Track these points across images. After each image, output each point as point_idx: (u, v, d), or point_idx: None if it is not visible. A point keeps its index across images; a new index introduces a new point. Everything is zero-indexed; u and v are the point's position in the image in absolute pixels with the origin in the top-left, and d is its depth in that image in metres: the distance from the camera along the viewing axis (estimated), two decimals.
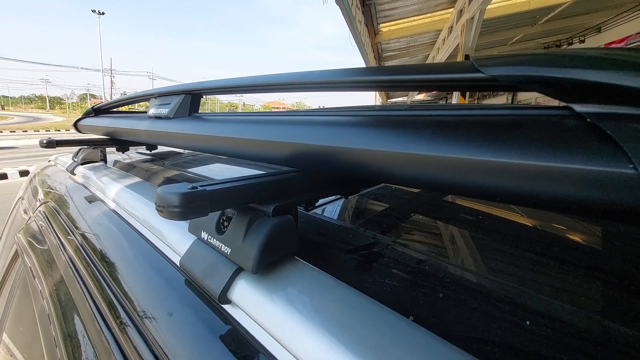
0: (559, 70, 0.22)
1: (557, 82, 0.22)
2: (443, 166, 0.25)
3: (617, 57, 0.22)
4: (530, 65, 0.23)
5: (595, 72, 0.21)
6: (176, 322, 0.33)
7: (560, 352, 0.25)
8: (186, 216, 0.28)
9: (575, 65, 0.22)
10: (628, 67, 0.20)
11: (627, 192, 0.18)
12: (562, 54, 0.24)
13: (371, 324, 0.25)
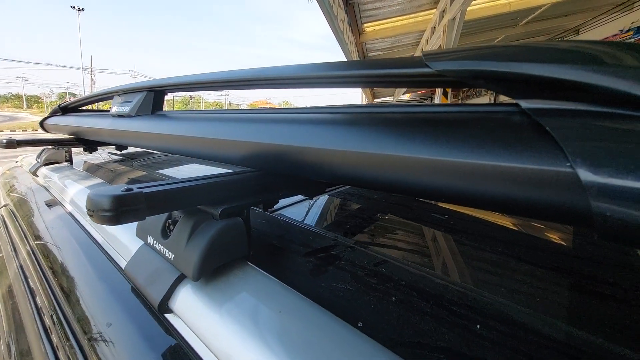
0: (503, 64, 0.21)
1: (502, 77, 0.21)
2: (383, 164, 0.24)
3: (563, 50, 0.21)
4: (476, 60, 0.22)
5: (539, 65, 0.20)
6: (114, 334, 0.30)
7: (509, 355, 0.24)
8: (119, 221, 0.25)
9: (520, 59, 0.21)
10: (573, 61, 0.19)
11: (564, 191, 0.18)
12: (509, 47, 0.23)
13: (317, 335, 0.23)
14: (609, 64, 0.18)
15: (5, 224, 0.74)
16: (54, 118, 1.06)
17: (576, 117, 0.19)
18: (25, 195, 0.84)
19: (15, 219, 0.73)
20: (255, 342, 0.23)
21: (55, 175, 0.84)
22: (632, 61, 0.18)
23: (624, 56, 0.19)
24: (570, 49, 0.21)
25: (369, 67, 0.29)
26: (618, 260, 0.42)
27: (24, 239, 0.61)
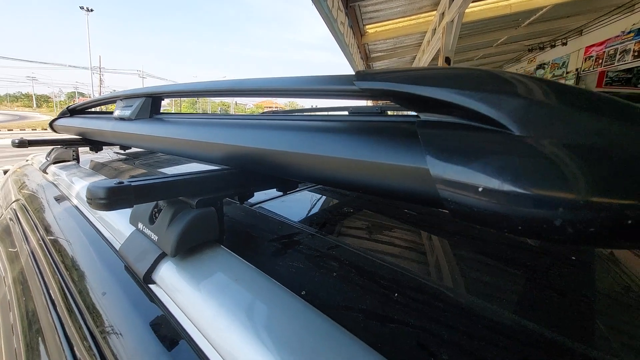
0: (401, 85, 0.28)
1: (401, 96, 0.28)
2: (319, 164, 0.31)
3: (438, 75, 0.27)
4: (386, 82, 0.29)
5: (420, 87, 0.26)
6: (108, 300, 0.38)
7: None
8: (111, 207, 0.32)
9: (412, 82, 0.27)
10: (440, 83, 0.26)
11: (425, 182, 0.24)
12: (410, 72, 0.29)
13: (261, 299, 0.30)
14: (466, 86, 0.25)
15: (18, 217, 0.82)
16: (63, 119, 1.14)
17: (436, 127, 0.25)
18: (35, 191, 0.92)
19: (27, 213, 0.81)
20: (213, 304, 0.30)
21: (63, 172, 0.91)
22: (486, 85, 0.25)
23: (482, 80, 0.26)
24: (439, 74, 0.27)
25: (315, 83, 0.36)
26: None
27: (35, 230, 0.69)
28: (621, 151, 0.18)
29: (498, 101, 0.22)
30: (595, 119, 0.20)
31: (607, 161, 0.18)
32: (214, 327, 0.28)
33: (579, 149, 0.19)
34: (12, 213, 0.89)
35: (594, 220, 0.18)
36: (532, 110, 0.21)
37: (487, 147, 0.21)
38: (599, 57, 6.24)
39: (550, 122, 0.20)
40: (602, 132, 0.19)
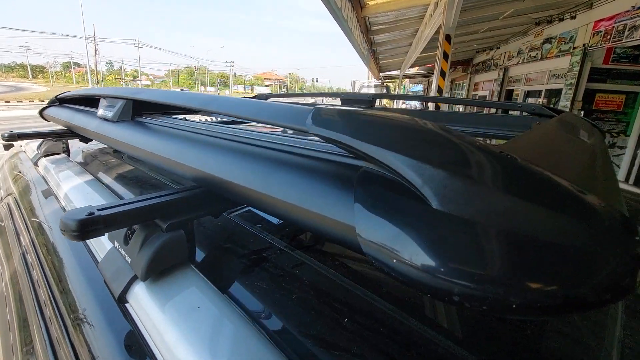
0: (347, 138, 0.29)
1: (346, 147, 0.30)
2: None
3: (381, 132, 0.29)
4: (334, 131, 0.30)
5: (361, 143, 0.28)
6: (89, 315, 0.41)
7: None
8: (84, 238, 0.35)
9: (355, 136, 0.29)
10: (379, 142, 0.27)
11: (351, 235, 0.26)
12: (358, 123, 0.30)
13: (220, 330, 0.33)
14: (402, 149, 0.26)
15: (11, 213, 0.85)
16: (52, 109, 1.14)
17: (373, 182, 0.27)
18: (26, 186, 0.94)
19: (19, 209, 0.84)
20: (175, 331, 0.33)
21: (52, 167, 0.93)
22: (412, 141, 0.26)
23: (421, 143, 0.27)
24: (383, 132, 0.29)
25: (273, 114, 0.37)
26: None
27: (26, 229, 0.72)
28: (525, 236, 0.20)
29: (424, 172, 0.24)
30: (505, 203, 0.22)
31: (502, 244, 0.21)
32: (174, 353, 0.32)
33: (479, 230, 0.21)
34: (6, 208, 0.92)
35: (484, 298, 0.20)
36: (447, 188, 0.23)
37: (407, 219, 0.23)
38: (608, 33, 6.02)
39: (465, 202, 0.22)
40: (507, 214, 0.21)
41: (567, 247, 0.20)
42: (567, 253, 0.20)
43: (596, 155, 0.43)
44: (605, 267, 0.20)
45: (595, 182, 0.29)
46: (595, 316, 0.39)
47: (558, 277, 0.19)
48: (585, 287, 0.20)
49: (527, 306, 0.19)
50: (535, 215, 0.21)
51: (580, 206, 0.22)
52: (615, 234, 0.22)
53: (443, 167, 0.23)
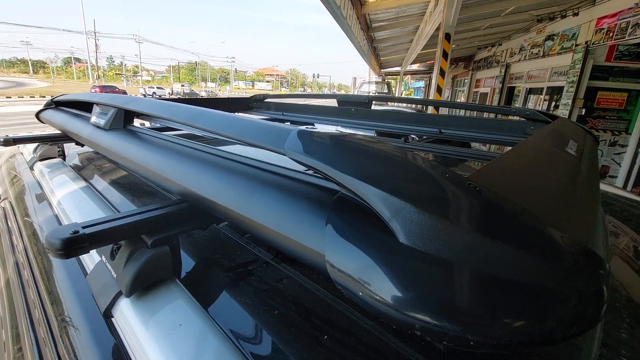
0: (322, 165, 0.29)
1: (321, 174, 0.30)
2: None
3: (356, 162, 0.29)
4: (312, 157, 0.30)
5: (334, 171, 0.28)
6: (77, 326, 0.42)
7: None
8: (69, 256, 0.36)
9: (330, 164, 0.29)
10: (354, 173, 0.27)
11: (321, 261, 0.27)
12: (333, 152, 0.31)
13: (201, 349, 0.34)
14: (374, 180, 0.26)
15: (6, 218, 0.86)
16: (48, 111, 1.15)
17: (346, 211, 0.28)
18: (22, 190, 0.95)
19: (14, 214, 0.84)
20: (156, 349, 0.33)
21: (47, 172, 0.94)
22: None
23: (391, 175, 0.28)
24: (358, 164, 0.29)
25: (253, 133, 0.38)
26: None
27: (19, 235, 0.73)
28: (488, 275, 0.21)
29: (392, 205, 0.24)
30: (468, 239, 0.22)
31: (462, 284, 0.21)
32: None
33: (442, 267, 0.22)
34: (1, 212, 0.93)
35: (443, 334, 0.21)
36: (413, 222, 0.23)
37: (374, 252, 0.24)
38: (610, 30, 5.97)
39: (429, 238, 0.22)
40: (469, 251, 0.22)
41: (527, 285, 0.21)
42: (527, 291, 0.20)
43: (580, 174, 0.43)
44: (566, 303, 0.21)
45: (569, 210, 0.29)
46: None
47: (516, 315, 0.20)
48: (544, 324, 0.20)
49: (484, 343, 0.20)
50: (497, 253, 0.21)
51: (544, 242, 0.23)
52: (577, 271, 0.22)
53: (411, 201, 0.24)
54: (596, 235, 0.28)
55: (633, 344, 0.38)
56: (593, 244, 0.25)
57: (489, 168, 0.32)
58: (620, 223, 0.84)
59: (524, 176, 0.33)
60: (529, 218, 0.24)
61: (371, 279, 0.23)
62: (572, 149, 0.57)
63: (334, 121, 1.53)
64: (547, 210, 0.26)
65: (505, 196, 0.26)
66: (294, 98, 1.91)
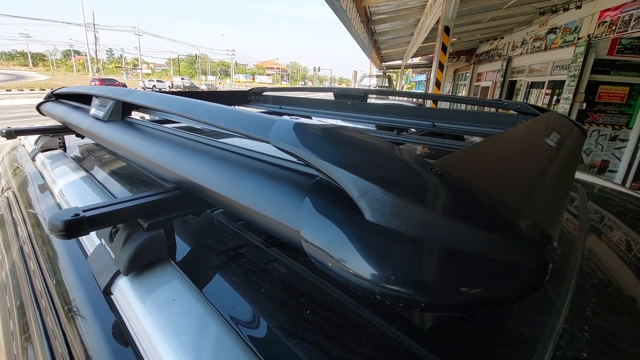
0: (302, 152, 0.32)
1: (303, 161, 0.33)
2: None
3: (331, 150, 0.32)
4: (294, 146, 0.33)
5: (314, 158, 0.31)
6: (79, 305, 0.45)
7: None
8: (70, 237, 0.39)
9: (311, 151, 0.31)
10: (330, 158, 0.30)
11: (297, 237, 0.29)
12: (312, 141, 0.33)
13: (192, 323, 0.36)
14: (346, 164, 0.29)
15: (10, 207, 0.89)
16: (48, 104, 1.17)
17: (322, 192, 0.30)
18: (24, 180, 0.98)
19: (17, 202, 0.87)
20: (151, 322, 0.36)
21: (48, 162, 0.97)
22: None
23: (361, 160, 0.30)
24: (332, 152, 0.31)
25: (240, 122, 0.40)
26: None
27: (23, 222, 0.76)
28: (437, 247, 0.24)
29: (361, 186, 0.27)
30: (424, 216, 0.25)
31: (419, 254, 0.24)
32: (151, 342, 0.35)
33: (399, 241, 0.24)
34: (5, 202, 0.96)
35: (399, 297, 0.23)
36: (378, 202, 0.26)
37: (343, 228, 0.26)
38: (613, 23, 5.92)
39: (391, 216, 0.25)
40: (425, 227, 0.25)
41: (472, 255, 0.23)
42: (472, 261, 0.23)
43: (552, 163, 0.45)
44: (509, 272, 0.24)
45: (527, 194, 0.32)
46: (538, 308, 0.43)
47: (461, 281, 0.23)
48: (486, 289, 0.23)
49: (433, 305, 0.23)
50: (449, 228, 0.24)
51: (493, 220, 0.25)
52: (522, 245, 0.25)
53: (377, 182, 0.26)
54: (550, 217, 0.31)
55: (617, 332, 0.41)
56: (545, 224, 0.28)
57: (457, 155, 0.34)
58: (614, 217, 0.86)
59: (490, 163, 0.35)
60: (483, 199, 0.27)
61: (339, 252, 0.26)
62: (552, 140, 0.59)
63: (330, 114, 1.55)
64: (504, 194, 0.29)
65: (465, 180, 0.28)
66: (291, 91, 1.93)
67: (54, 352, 0.44)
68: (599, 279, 0.52)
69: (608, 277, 0.54)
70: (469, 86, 11.94)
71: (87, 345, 0.40)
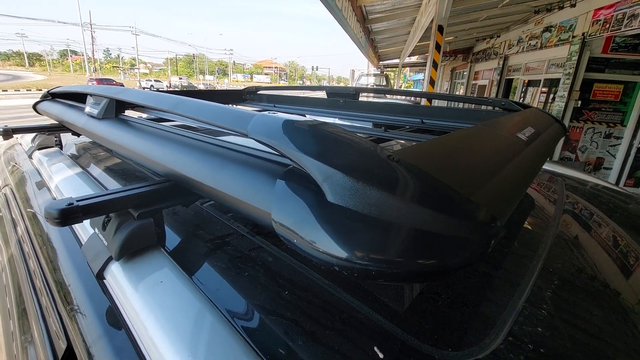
0: (277, 143, 0.35)
1: (277, 152, 0.36)
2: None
3: (301, 140, 0.35)
4: (271, 137, 0.36)
5: (286, 148, 0.34)
6: (73, 290, 0.48)
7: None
8: (64, 224, 0.42)
9: (283, 144, 0.34)
10: (300, 147, 0.33)
11: (268, 219, 0.33)
12: (282, 133, 0.36)
13: (177, 302, 0.39)
14: (314, 153, 0.32)
15: (8, 203, 0.92)
16: (45, 103, 1.20)
17: (292, 179, 0.33)
18: (22, 177, 1.01)
19: (15, 199, 0.90)
20: (140, 302, 0.40)
21: (45, 160, 1.00)
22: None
23: (327, 149, 0.33)
24: (301, 141, 0.34)
25: (220, 115, 0.43)
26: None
27: (21, 217, 0.79)
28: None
29: (323, 172, 0.30)
30: (377, 198, 0.28)
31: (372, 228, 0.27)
32: (140, 320, 0.38)
33: (354, 218, 0.28)
34: (3, 198, 0.99)
35: (352, 268, 0.27)
36: (339, 185, 0.29)
37: (307, 209, 0.30)
38: (607, 21, 5.97)
39: (348, 197, 0.28)
40: (378, 207, 0.28)
41: (418, 230, 0.26)
42: (418, 235, 0.26)
43: (516, 155, 0.49)
44: (453, 243, 0.27)
45: (479, 181, 0.35)
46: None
47: (407, 252, 0.26)
48: (430, 260, 0.26)
49: (383, 273, 0.26)
50: (399, 207, 0.27)
51: (439, 201, 0.29)
52: (466, 223, 0.28)
53: (338, 168, 0.30)
54: (499, 202, 0.34)
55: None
56: (493, 208, 0.31)
57: (417, 146, 0.37)
58: (605, 216, 0.89)
59: (447, 153, 0.39)
60: (433, 183, 0.30)
61: (304, 230, 0.29)
62: (525, 134, 0.63)
63: (322, 112, 1.58)
64: (454, 179, 0.32)
65: (419, 166, 0.31)
66: (285, 90, 1.96)
67: (50, 332, 0.47)
68: (563, 265, 0.56)
69: (573, 264, 0.58)
70: (467, 84, 11.99)
71: (81, 325, 0.43)
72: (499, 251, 0.56)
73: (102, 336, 0.41)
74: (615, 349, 0.39)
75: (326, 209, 0.28)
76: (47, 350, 0.45)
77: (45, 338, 0.48)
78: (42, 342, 0.48)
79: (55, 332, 0.46)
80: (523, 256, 0.57)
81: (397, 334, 0.37)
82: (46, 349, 0.46)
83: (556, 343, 0.38)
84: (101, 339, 0.40)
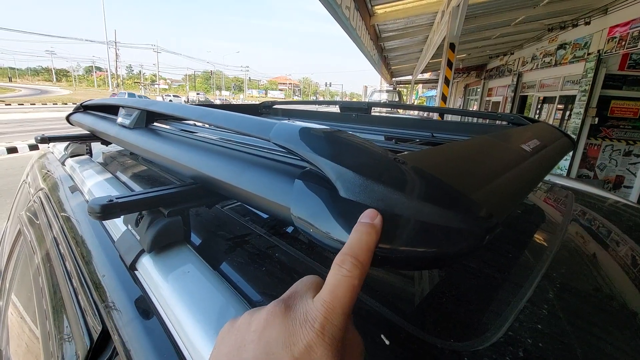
0: (294, 145, 0.40)
1: (297, 156, 0.40)
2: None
3: (320, 145, 0.39)
4: (290, 142, 0.41)
5: (305, 151, 0.38)
6: (107, 280, 0.53)
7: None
8: (104, 219, 0.47)
9: (300, 148, 0.39)
10: (318, 150, 0.37)
11: (288, 214, 0.37)
12: (302, 139, 0.41)
13: (202, 288, 0.44)
14: (329, 154, 0.36)
15: (42, 205, 0.99)
16: (77, 114, 1.29)
17: (309, 179, 0.38)
18: (56, 182, 1.08)
19: (50, 202, 0.97)
20: (169, 288, 0.44)
21: (77, 166, 1.08)
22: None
23: (340, 151, 0.37)
24: (319, 146, 0.39)
25: (242, 124, 0.48)
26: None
27: (56, 218, 0.85)
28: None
29: (337, 171, 0.34)
30: (385, 193, 0.32)
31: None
32: (168, 305, 0.43)
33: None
34: (38, 201, 1.06)
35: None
36: (350, 182, 0.33)
37: (322, 203, 0.34)
38: (623, 39, 5.94)
39: (360, 192, 0.32)
40: (386, 201, 0.32)
41: (423, 222, 0.30)
42: (422, 226, 0.30)
43: (518, 164, 0.52)
44: (452, 234, 0.30)
45: (481, 185, 0.38)
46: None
47: (411, 241, 0.30)
48: (432, 249, 0.30)
49: (389, 259, 0.30)
50: (404, 202, 0.31)
51: (443, 198, 0.32)
52: (464, 218, 0.32)
53: (350, 168, 0.34)
54: (497, 202, 0.37)
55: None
56: (490, 206, 0.35)
57: (423, 151, 0.41)
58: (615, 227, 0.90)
59: (450, 158, 0.42)
60: (434, 183, 0.34)
61: (320, 221, 0.33)
62: (529, 146, 0.66)
63: (335, 126, 1.64)
64: (454, 179, 0.36)
65: (422, 168, 0.35)
66: (299, 104, 2.03)
67: (86, 319, 0.52)
68: (566, 270, 0.58)
69: (576, 269, 0.60)
70: (480, 101, 11.98)
71: (114, 312, 0.48)
72: (503, 255, 0.59)
73: (134, 319, 0.45)
74: (614, 348, 0.41)
75: (339, 202, 0.33)
76: (82, 333, 0.50)
77: (82, 324, 0.53)
78: (79, 329, 0.53)
79: (90, 318, 0.51)
80: (527, 260, 0.59)
81: (404, 326, 0.41)
82: (82, 334, 0.51)
83: (554, 339, 0.40)
84: (132, 322, 0.44)
